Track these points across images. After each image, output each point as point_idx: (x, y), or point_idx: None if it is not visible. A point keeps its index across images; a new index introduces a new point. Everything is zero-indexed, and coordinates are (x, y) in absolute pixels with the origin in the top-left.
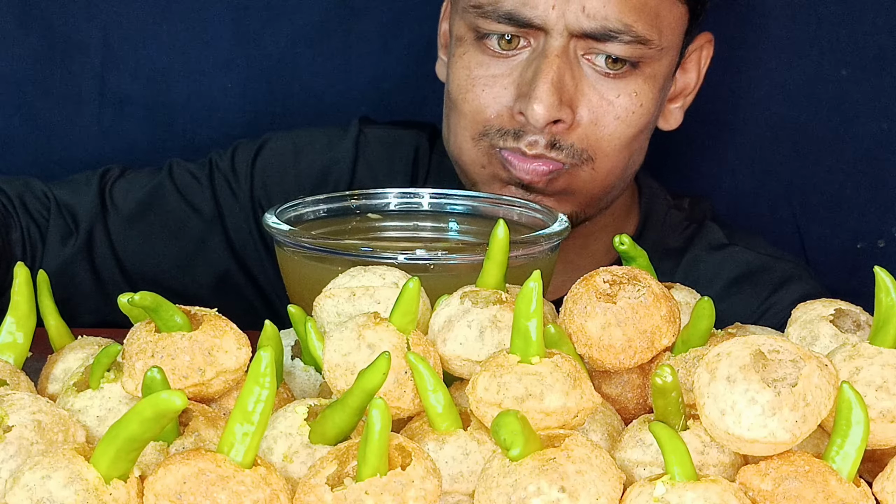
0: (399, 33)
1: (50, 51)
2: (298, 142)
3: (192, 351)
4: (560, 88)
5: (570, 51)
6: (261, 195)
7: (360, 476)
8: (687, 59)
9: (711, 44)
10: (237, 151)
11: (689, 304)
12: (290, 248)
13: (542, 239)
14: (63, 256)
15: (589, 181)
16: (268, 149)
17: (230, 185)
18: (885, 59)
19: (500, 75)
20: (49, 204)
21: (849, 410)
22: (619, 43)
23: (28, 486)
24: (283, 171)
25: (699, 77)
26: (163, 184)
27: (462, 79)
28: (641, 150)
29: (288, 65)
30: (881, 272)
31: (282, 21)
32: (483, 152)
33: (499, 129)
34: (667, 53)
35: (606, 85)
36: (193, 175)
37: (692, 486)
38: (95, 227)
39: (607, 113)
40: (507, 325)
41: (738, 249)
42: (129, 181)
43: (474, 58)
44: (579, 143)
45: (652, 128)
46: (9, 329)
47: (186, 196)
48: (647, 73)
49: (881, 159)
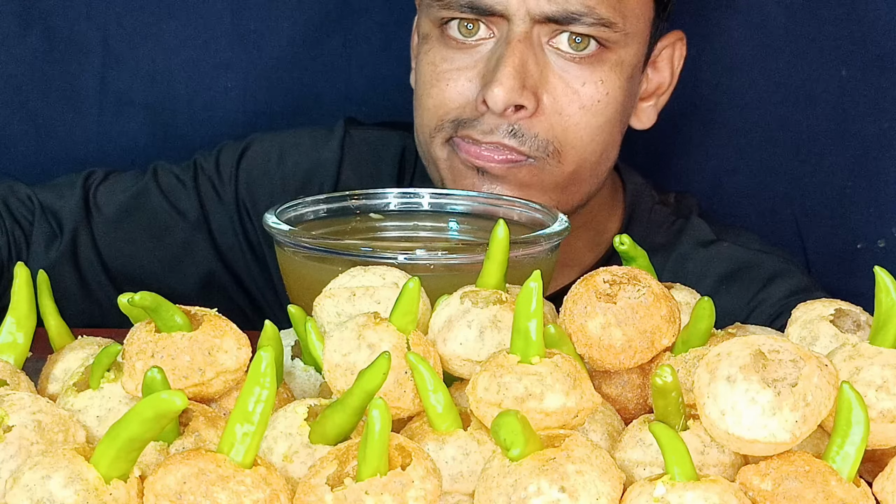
0: (399, 33)
1: (50, 51)
2: (283, 143)
3: (192, 351)
4: (523, 74)
5: (534, 37)
6: (245, 197)
7: (360, 476)
8: (658, 56)
9: (684, 42)
10: (221, 153)
11: (689, 304)
12: (290, 248)
13: (542, 239)
14: (48, 260)
15: (557, 174)
16: (252, 150)
17: (215, 186)
18: (885, 59)
19: (465, 68)
20: (33, 208)
21: (849, 410)
22: (582, 25)
23: (28, 486)
24: (267, 173)
25: (673, 76)
26: (147, 187)
27: (427, 74)
28: (613, 143)
29: (288, 65)
30: (881, 272)
31: (282, 21)
32: (439, 146)
33: (454, 119)
34: (633, 40)
35: (572, 72)
36: (178, 178)
37: (692, 486)
38: (80, 230)
39: (572, 101)
40: (507, 325)
41: (725, 245)
42: (112, 184)
43: (438, 53)
44: (544, 134)
45: (624, 121)
46: (9, 329)
47: (171, 199)
48: (613, 61)
49: (881, 159)
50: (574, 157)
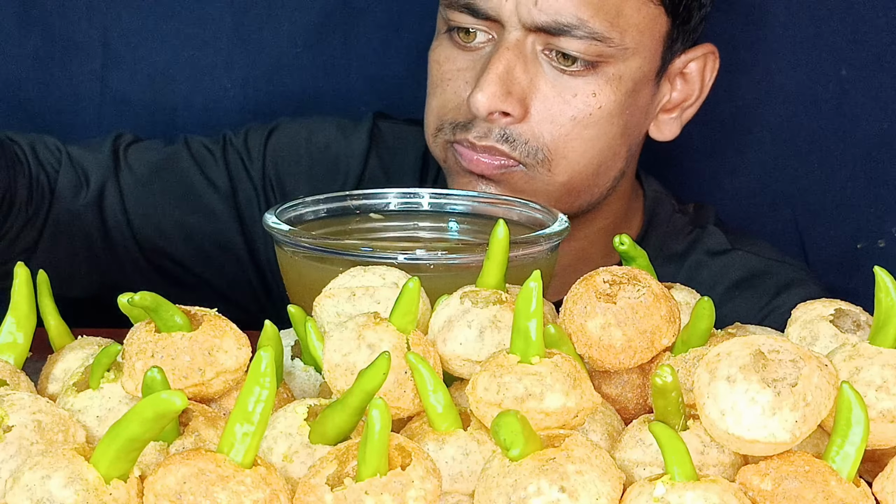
0: (399, 33)
1: (50, 51)
2: (311, 127)
3: (192, 351)
4: (508, 80)
5: (528, 45)
6: (272, 175)
7: (360, 476)
8: (686, 68)
9: (716, 56)
10: (249, 133)
11: (689, 304)
12: (290, 248)
13: (542, 239)
14: (74, 206)
15: (548, 183)
16: (280, 132)
17: (243, 161)
18: (885, 59)
19: (464, 69)
20: (60, 157)
21: (849, 410)
22: (574, 38)
23: (28, 486)
24: (295, 155)
25: (703, 90)
26: (178, 152)
27: (433, 73)
28: (615, 156)
29: (288, 65)
30: (881, 272)
31: (282, 21)
32: (440, 148)
33: (451, 121)
34: (635, 55)
35: (564, 83)
36: (208, 148)
37: (692, 486)
38: (108, 184)
39: (563, 112)
40: (507, 325)
41: (740, 254)
42: (143, 146)
43: (444, 51)
44: (534, 141)
45: (630, 134)
46: (9, 329)
47: (202, 166)
48: (610, 74)
49: (881, 159)
50: (565, 167)
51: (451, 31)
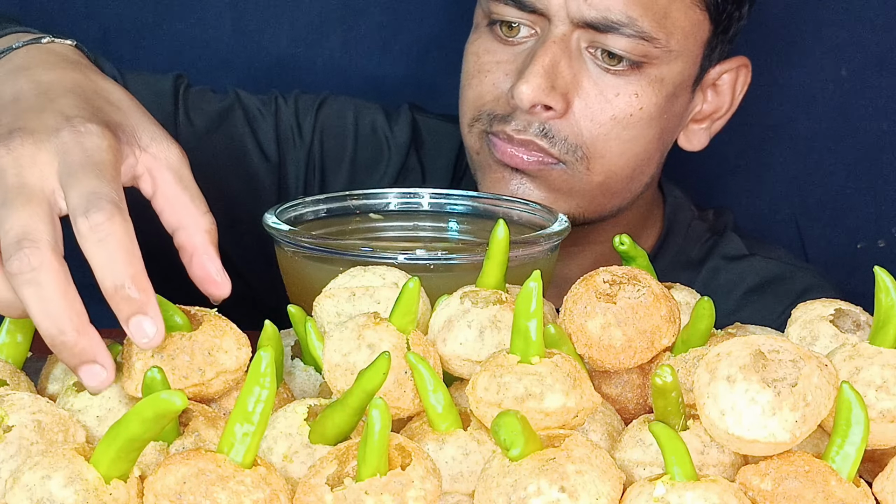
0: (399, 33)
1: None
2: (358, 106)
3: (192, 351)
4: (552, 74)
5: (573, 41)
6: (317, 155)
7: (360, 476)
8: (719, 80)
9: (748, 69)
10: (299, 99)
11: (689, 304)
12: (290, 248)
13: (542, 239)
14: None
15: (586, 182)
16: (329, 104)
17: (292, 131)
18: (885, 59)
19: (505, 62)
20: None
21: (849, 410)
22: (621, 36)
23: (28, 486)
24: (341, 136)
25: (733, 103)
26: (233, 108)
27: (470, 64)
28: (650, 160)
29: (288, 64)
30: (881, 272)
31: (282, 21)
32: (476, 138)
33: (489, 112)
34: (678, 58)
35: (607, 81)
36: (259, 109)
37: (692, 486)
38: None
39: (604, 110)
40: (507, 325)
41: (757, 259)
42: (199, 92)
43: (483, 44)
44: (573, 139)
45: (664, 139)
46: (9, 329)
47: (253, 126)
48: (653, 76)
49: (881, 159)
50: (602, 167)
51: (492, 24)
